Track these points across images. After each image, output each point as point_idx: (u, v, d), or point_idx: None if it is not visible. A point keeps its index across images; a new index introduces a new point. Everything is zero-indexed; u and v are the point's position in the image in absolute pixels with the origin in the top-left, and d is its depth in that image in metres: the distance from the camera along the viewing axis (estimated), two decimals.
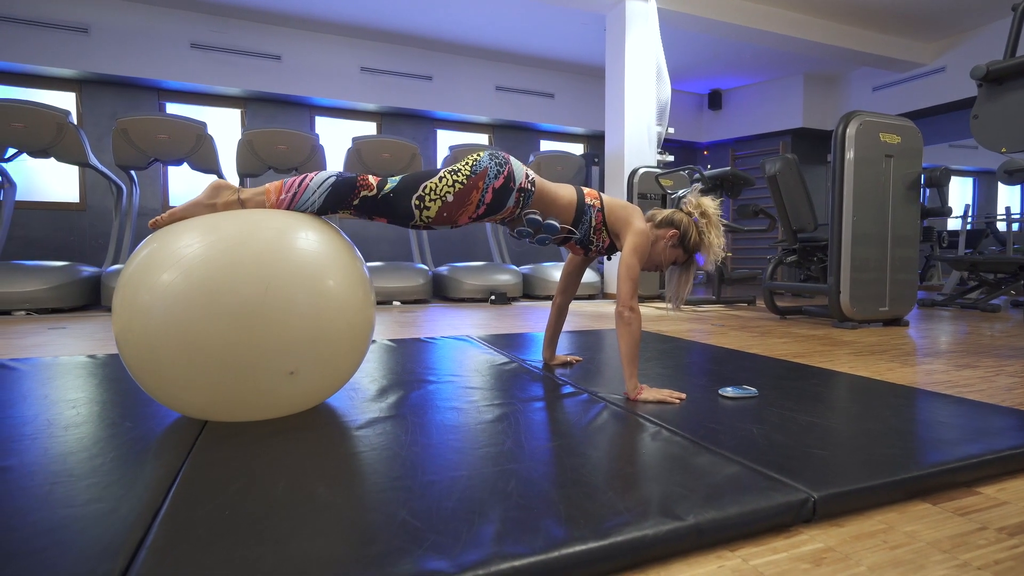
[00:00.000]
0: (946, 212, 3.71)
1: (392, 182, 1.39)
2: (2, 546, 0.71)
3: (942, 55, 6.56)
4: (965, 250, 6.89)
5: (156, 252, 1.15)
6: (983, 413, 1.35)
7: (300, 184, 1.32)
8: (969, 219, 7.64)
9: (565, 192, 1.57)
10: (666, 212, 1.60)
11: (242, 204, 1.30)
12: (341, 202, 1.35)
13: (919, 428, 1.25)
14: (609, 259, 1.70)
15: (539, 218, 1.52)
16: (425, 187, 1.38)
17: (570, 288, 1.85)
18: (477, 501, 0.85)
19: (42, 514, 0.80)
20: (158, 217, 1.26)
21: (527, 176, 1.49)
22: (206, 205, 1.28)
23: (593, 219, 1.58)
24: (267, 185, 1.33)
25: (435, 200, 1.38)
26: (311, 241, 1.24)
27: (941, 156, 8.58)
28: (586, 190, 1.61)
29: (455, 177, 1.40)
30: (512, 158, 1.49)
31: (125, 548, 0.70)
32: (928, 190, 4.20)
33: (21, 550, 0.70)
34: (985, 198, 9.89)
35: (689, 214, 1.56)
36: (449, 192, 1.39)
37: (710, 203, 1.56)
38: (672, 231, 1.56)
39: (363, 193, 1.35)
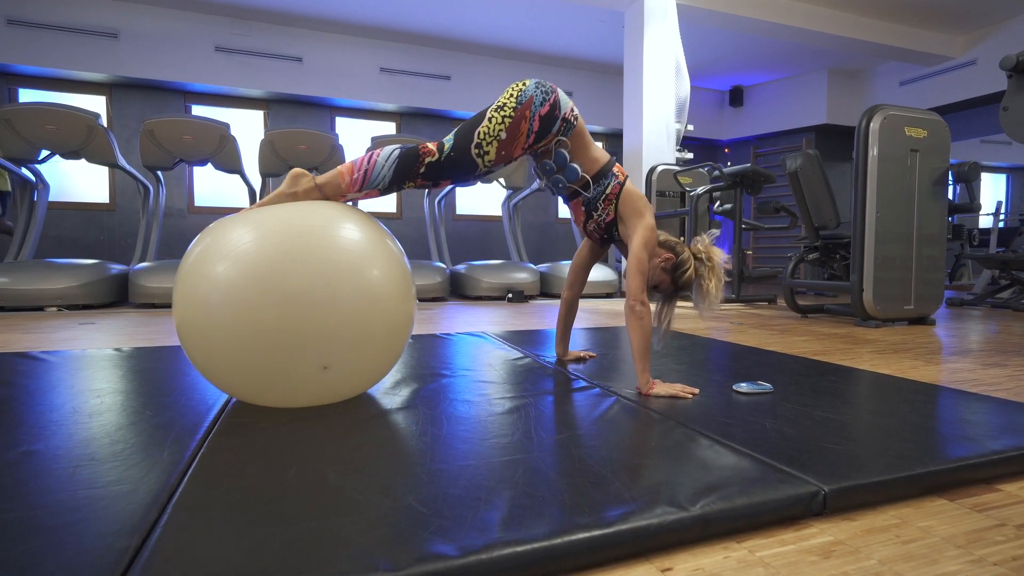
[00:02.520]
0: (975, 208, 3.60)
1: (448, 142, 1.43)
2: (28, 522, 0.74)
3: (973, 47, 6.37)
4: (997, 248, 6.67)
5: (210, 246, 1.22)
6: (1008, 410, 1.31)
7: (369, 161, 1.37)
8: (1002, 216, 7.41)
9: (599, 150, 1.60)
10: (673, 239, 1.61)
11: (319, 189, 1.36)
12: (408, 172, 1.39)
13: (939, 424, 1.22)
14: (604, 239, 1.68)
15: (567, 155, 1.54)
16: (479, 133, 1.42)
17: (578, 283, 1.85)
18: (483, 488, 0.85)
19: (65, 494, 0.83)
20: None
21: (572, 110, 1.51)
22: (288, 195, 1.34)
23: (610, 188, 1.58)
24: (338, 168, 1.39)
25: (491, 142, 1.42)
26: (355, 238, 1.28)
27: (973, 152, 8.32)
28: (618, 164, 1.62)
29: (503, 113, 1.43)
30: (559, 89, 1.51)
31: (142, 526, 0.73)
32: (957, 186, 4.07)
33: (45, 525, 0.73)
34: (1019, 195, 9.56)
35: (695, 253, 1.56)
36: (502, 130, 1.42)
37: (719, 252, 1.56)
38: (668, 255, 1.56)
39: (427, 160, 1.39)
